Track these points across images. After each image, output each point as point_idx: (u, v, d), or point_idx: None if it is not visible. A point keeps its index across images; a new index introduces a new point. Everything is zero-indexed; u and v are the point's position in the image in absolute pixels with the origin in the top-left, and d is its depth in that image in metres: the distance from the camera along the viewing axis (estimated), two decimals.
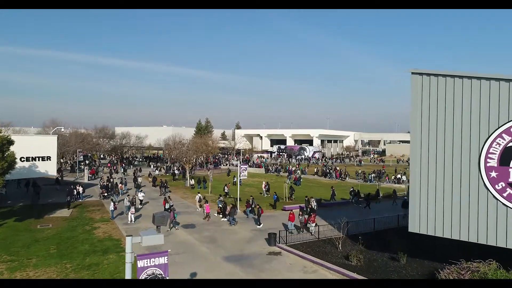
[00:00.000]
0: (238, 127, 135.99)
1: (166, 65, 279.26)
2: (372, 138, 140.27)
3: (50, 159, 35.24)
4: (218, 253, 20.14)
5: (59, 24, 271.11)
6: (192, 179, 45.43)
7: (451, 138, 15.05)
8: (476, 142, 14.55)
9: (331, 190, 37.88)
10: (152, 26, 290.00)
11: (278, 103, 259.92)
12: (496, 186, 14.31)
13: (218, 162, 77.29)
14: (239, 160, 75.37)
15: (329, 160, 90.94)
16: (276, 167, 67.44)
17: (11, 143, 25.58)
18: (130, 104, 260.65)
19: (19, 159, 31.88)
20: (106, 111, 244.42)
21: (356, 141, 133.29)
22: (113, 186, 39.15)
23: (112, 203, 27.78)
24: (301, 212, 26.24)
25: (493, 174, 14.33)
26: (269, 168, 66.45)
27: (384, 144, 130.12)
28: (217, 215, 29.02)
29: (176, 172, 56.79)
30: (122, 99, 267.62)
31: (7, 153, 24.46)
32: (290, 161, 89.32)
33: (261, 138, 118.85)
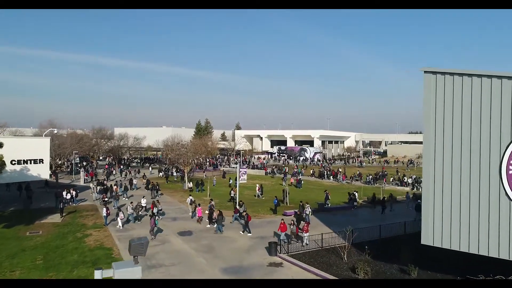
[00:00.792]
0: (238, 128, 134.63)
1: (166, 65, 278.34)
2: (373, 138, 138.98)
3: (43, 162, 33.99)
4: (216, 264, 18.90)
5: (59, 24, 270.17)
6: (191, 182, 44.14)
7: (468, 142, 13.78)
8: (496, 147, 13.27)
9: (324, 194, 36.28)
10: (152, 26, 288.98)
11: (279, 104, 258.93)
12: None
13: (216, 164, 75.81)
14: (239, 162, 73.94)
15: (327, 161, 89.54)
16: (271, 168, 66.10)
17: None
18: (129, 105, 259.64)
19: (10, 162, 30.73)
20: (106, 111, 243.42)
21: (357, 142, 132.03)
22: (107, 189, 37.92)
23: (104, 209, 26.51)
24: (292, 221, 23.98)
25: None
26: (268, 170, 65.12)
27: (385, 145, 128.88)
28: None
29: (175, 174, 55.57)
30: (122, 99, 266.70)
31: None
32: (288, 162, 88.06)
33: (261, 139, 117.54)
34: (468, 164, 13.78)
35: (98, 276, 5.50)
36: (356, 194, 35.77)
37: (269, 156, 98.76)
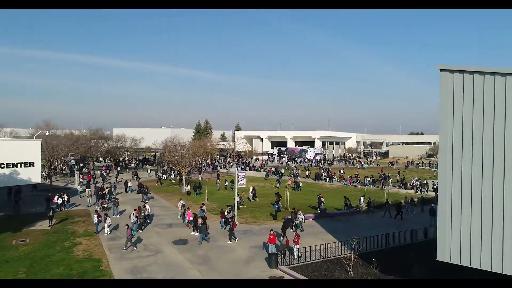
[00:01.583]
0: (238, 129, 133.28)
1: (166, 65, 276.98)
2: (374, 139, 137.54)
3: (34, 165, 32.56)
4: (211, 277, 17.52)
5: (58, 24, 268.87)
6: (188, 185, 42.71)
7: (490, 148, 12.40)
8: None
9: (317, 197, 34.66)
10: (152, 26, 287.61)
11: (279, 104, 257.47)
12: None
13: (215, 166, 74.24)
14: (238, 165, 72.36)
15: (328, 162, 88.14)
16: (267, 170, 64.43)
17: None
18: (129, 105, 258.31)
19: None
20: (105, 112, 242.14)
21: (358, 142, 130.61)
22: (105, 194, 36.02)
23: (95, 215, 25.10)
24: (282, 233, 21.47)
25: None
26: (265, 172, 63.45)
27: (386, 146, 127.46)
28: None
29: (172, 176, 54.10)
30: (121, 100, 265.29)
31: None
32: (286, 163, 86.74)
33: (261, 139, 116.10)
34: (491, 171, 12.39)
35: None
36: (362, 199, 34.35)
37: (269, 156, 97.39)
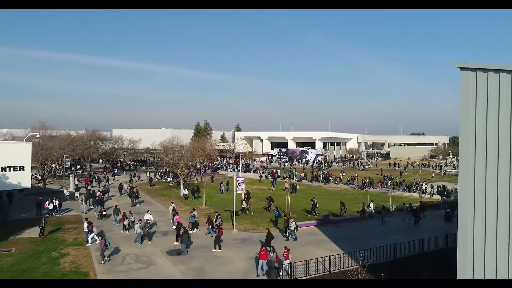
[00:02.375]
0: (238, 129, 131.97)
1: (166, 65, 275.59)
2: (376, 140, 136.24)
3: (24, 169, 31.19)
4: None
5: (58, 24, 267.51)
6: (186, 189, 41.27)
7: None
8: None
9: (311, 202, 33.62)
10: (152, 26, 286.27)
11: (280, 105, 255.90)
12: None
13: (215, 168, 72.79)
14: (238, 168, 70.81)
15: (328, 164, 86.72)
16: (259, 172, 62.88)
17: None
18: (128, 106, 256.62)
19: None
20: (105, 113, 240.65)
21: (359, 143, 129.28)
22: (103, 200, 34.27)
23: (86, 223, 23.68)
24: (271, 248, 18.66)
25: None
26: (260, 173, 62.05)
27: (388, 147, 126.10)
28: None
29: (170, 179, 52.63)
30: (120, 100, 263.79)
31: None
32: (284, 165, 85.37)
33: (261, 140, 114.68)
34: None
35: None
36: (371, 205, 32.80)
37: (267, 158, 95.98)
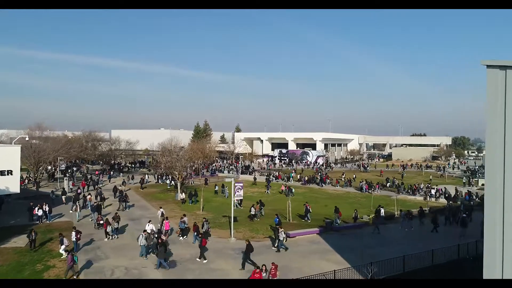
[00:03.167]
0: (238, 130, 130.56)
1: (165, 66, 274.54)
2: (377, 141, 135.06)
3: (12, 174, 29.90)
4: None
5: (58, 25, 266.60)
6: (183, 193, 39.86)
7: None
8: None
9: (304, 207, 32.32)
10: (152, 26, 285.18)
11: (280, 105, 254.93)
12: None
13: (214, 170, 71.41)
14: (236, 169, 69.42)
15: (330, 165, 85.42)
16: (253, 175, 61.24)
17: None
18: (127, 107, 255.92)
19: None
20: (104, 113, 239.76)
21: (360, 144, 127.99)
22: (100, 206, 32.24)
23: (74, 232, 22.29)
24: (264, 267, 17.23)
25: None
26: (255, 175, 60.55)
27: (390, 148, 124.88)
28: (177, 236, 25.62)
29: (168, 182, 51.26)
30: (120, 101, 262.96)
31: None
32: (283, 166, 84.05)
33: (261, 141, 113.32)
34: None
35: None
36: (382, 211, 31.32)
37: (264, 159, 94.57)
